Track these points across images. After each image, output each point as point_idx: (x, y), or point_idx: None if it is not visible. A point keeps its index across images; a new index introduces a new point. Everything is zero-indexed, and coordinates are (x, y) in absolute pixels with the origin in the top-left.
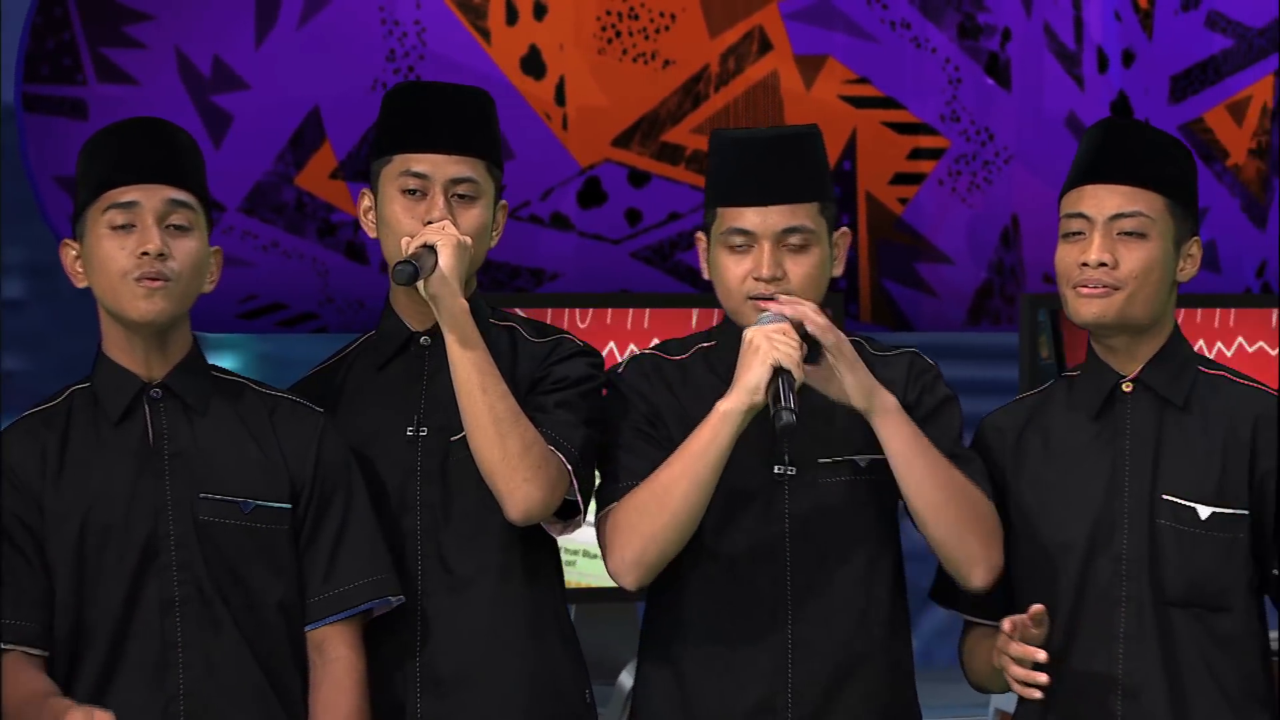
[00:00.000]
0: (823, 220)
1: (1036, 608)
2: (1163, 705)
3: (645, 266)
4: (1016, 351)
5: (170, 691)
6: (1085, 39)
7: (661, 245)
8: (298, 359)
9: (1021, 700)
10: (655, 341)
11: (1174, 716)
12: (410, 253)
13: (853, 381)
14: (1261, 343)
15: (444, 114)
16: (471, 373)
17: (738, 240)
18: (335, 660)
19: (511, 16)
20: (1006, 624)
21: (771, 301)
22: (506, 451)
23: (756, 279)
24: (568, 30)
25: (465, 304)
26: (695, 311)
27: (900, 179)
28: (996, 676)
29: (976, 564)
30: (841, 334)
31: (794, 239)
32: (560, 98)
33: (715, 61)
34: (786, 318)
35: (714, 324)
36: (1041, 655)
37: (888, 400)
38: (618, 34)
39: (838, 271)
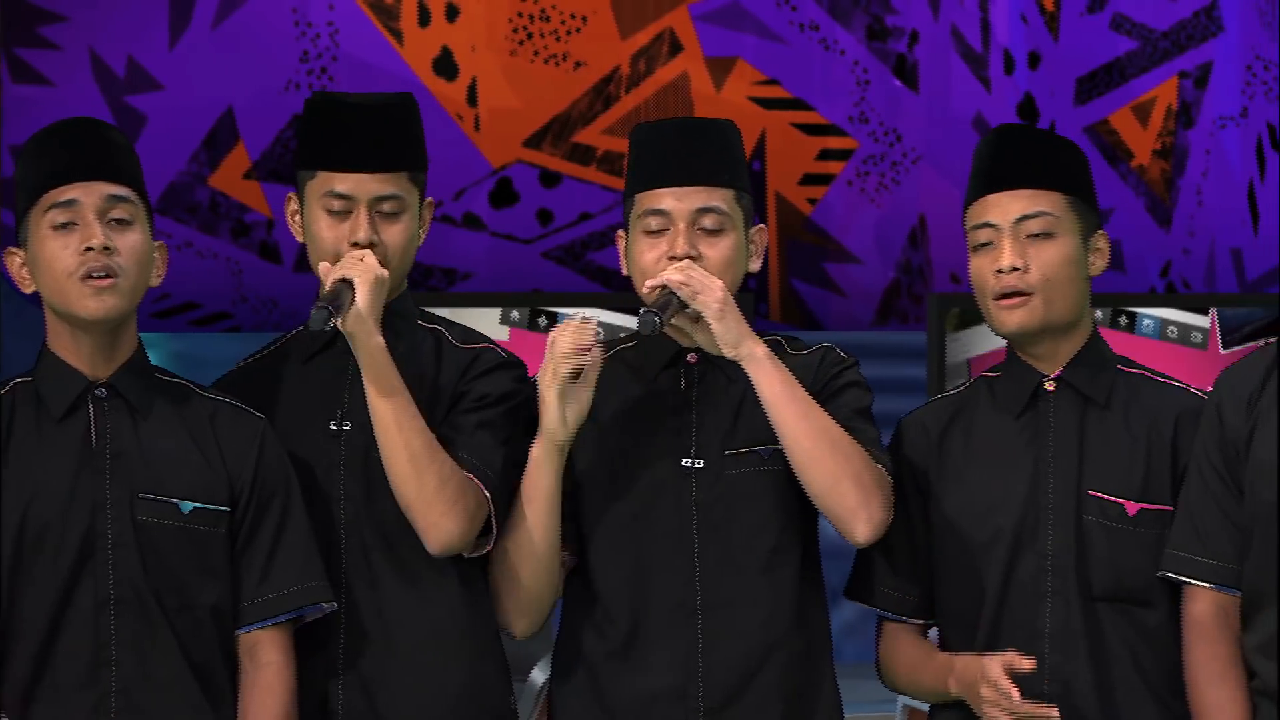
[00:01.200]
0: (739, 209)
1: (1026, 664)
2: (1089, 700)
3: (557, 266)
4: (924, 350)
5: (102, 689)
6: (992, 41)
7: (573, 245)
8: (211, 358)
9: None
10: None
11: (1100, 710)
12: (328, 290)
13: (720, 329)
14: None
15: (366, 131)
16: (387, 410)
17: (654, 222)
18: (266, 665)
19: (424, 18)
20: (996, 678)
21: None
22: (423, 487)
23: (671, 258)
24: (480, 32)
25: (381, 342)
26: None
27: (809, 179)
28: (939, 695)
29: (857, 517)
30: (713, 286)
31: (708, 220)
32: (472, 99)
33: (626, 63)
34: (665, 286)
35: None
36: (1055, 712)
37: (758, 349)
38: (529, 36)
39: (754, 267)
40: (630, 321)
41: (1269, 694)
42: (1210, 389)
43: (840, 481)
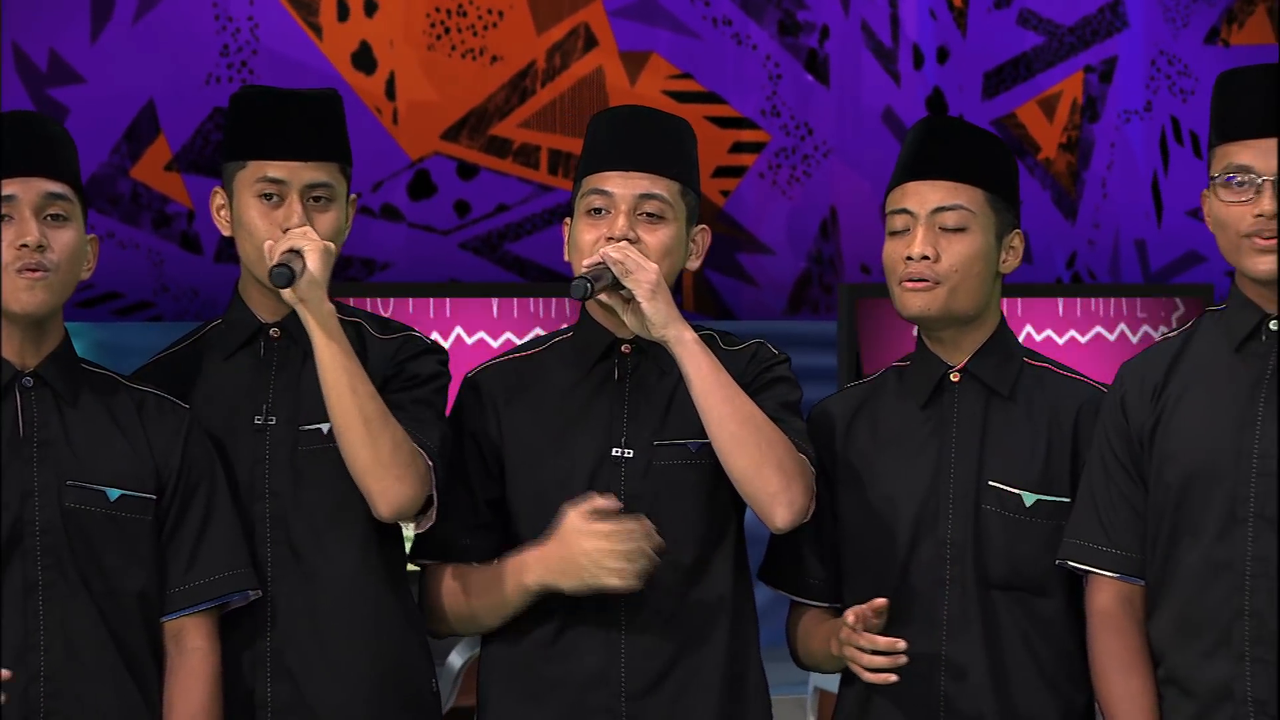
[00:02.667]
0: (682, 204)
1: (879, 601)
2: (985, 685)
3: (474, 257)
4: (835, 339)
5: (30, 672)
6: (901, 36)
7: (490, 236)
8: (133, 347)
9: (845, 680)
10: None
11: (996, 696)
12: (279, 258)
13: (650, 309)
14: (1072, 331)
15: (298, 120)
16: (341, 374)
17: (597, 202)
18: (192, 651)
19: (343, 13)
20: (850, 616)
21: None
22: (378, 451)
23: (609, 239)
24: (398, 26)
25: (332, 307)
26: (522, 301)
27: (722, 172)
28: (831, 660)
29: (777, 501)
30: (647, 268)
31: (650, 206)
32: (390, 92)
33: (542, 57)
34: (604, 265)
35: (541, 315)
36: (902, 644)
37: (685, 333)
38: (447, 30)
39: (692, 266)
40: (545, 320)
41: (1174, 681)
42: (1111, 381)
43: (763, 466)
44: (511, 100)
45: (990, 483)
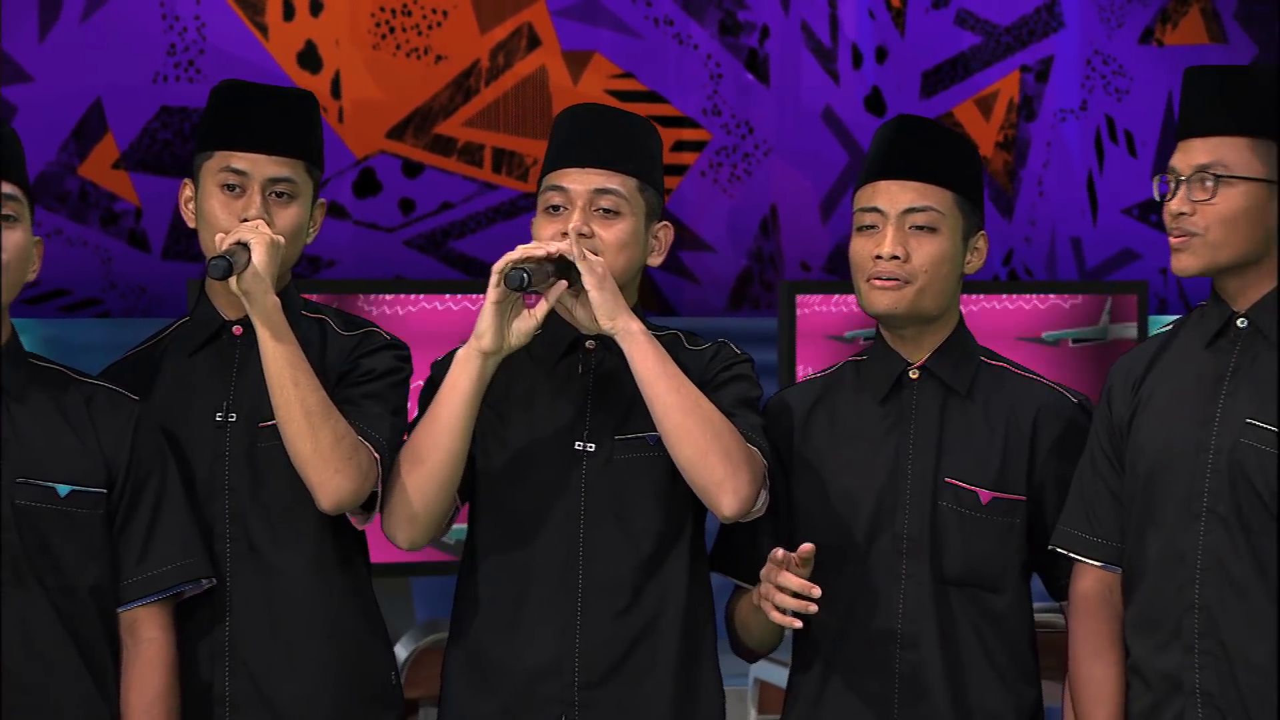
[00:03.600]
0: (640, 200)
1: (807, 546)
2: (940, 679)
3: (419, 254)
4: (775, 335)
5: None
6: (841, 36)
7: (434, 233)
8: (81, 343)
9: (796, 671)
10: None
11: (950, 690)
12: (225, 249)
13: (598, 299)
14: (1011, 328)
15: (266, 114)
16: (284, 367)
17: (555, 198)
18: (147, 641)
19: (289, 12)
20: (778, 552)
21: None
22: (318, 443)
23: (564, 235)
24: (343, 26)
25: (277, 300)
26: (466, 297)
27: (664, 170)
28: (750, 634)
29: (723, 489)
30: (595, 260)
31: (606, 201)
32: (336, 91)
33: (485, 57)
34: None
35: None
36: (816, 591)
37: (632, 324)
38: (391, 30)
39: (653, 262)
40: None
41: (1136, 670)
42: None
43: (708, 454)
44: (456, 99)
45: (947, 480)
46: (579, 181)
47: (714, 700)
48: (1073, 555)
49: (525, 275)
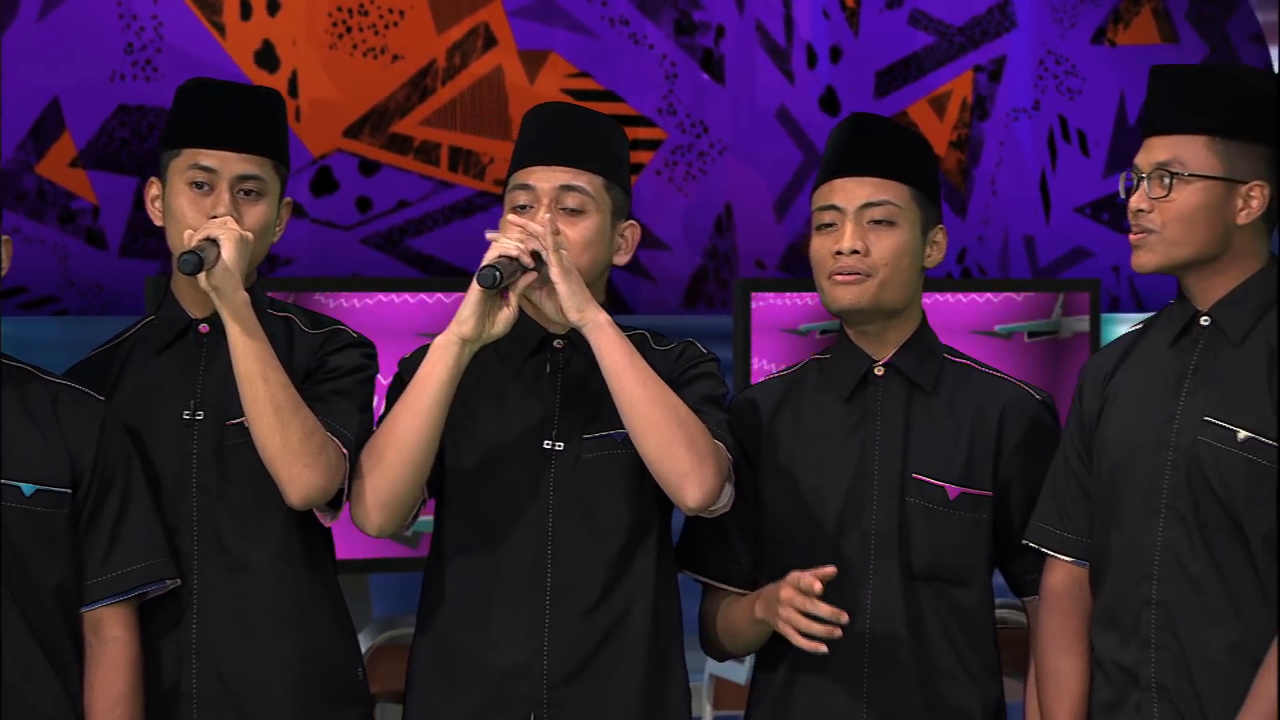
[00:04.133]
0: (606, 198)
1: (828, 569)
2: (909, 674)
3: (375, 252)
4: (730, 333)
5: None
6: (795, 36)
7: (391, 231)
8: (39, 340)
9: (762, 668)
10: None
11: (919, 685)
12: (194, 245)
13: (564, 290)
14: (964, 324)
15: (234, 112)
16: (253, 362)
17: (521, 197)
18: (111, 641)
19: (246, 12)
20: (803, 578)
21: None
22: (287, 439)
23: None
24: (300, 25)
25: (246, 296)
26: (424, 295)
27: None
28: (753, 629)
29: (688, 480)
30: (563, 251)
31: (570, 199)
32: (293, 90)
33: (442, 56)
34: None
35: (442, 310)
36: (845, 617)
37: (600, 316)
38: (348, 29)
39: (619, 261)
40: (446, 315)
41: (1099, 664)
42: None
43: (674, 446)
44: (412, 98)
45: (914, 475)
46: (545, 179)
47: (682, 696)
48: (1044, 550)
49: (497, 273)
